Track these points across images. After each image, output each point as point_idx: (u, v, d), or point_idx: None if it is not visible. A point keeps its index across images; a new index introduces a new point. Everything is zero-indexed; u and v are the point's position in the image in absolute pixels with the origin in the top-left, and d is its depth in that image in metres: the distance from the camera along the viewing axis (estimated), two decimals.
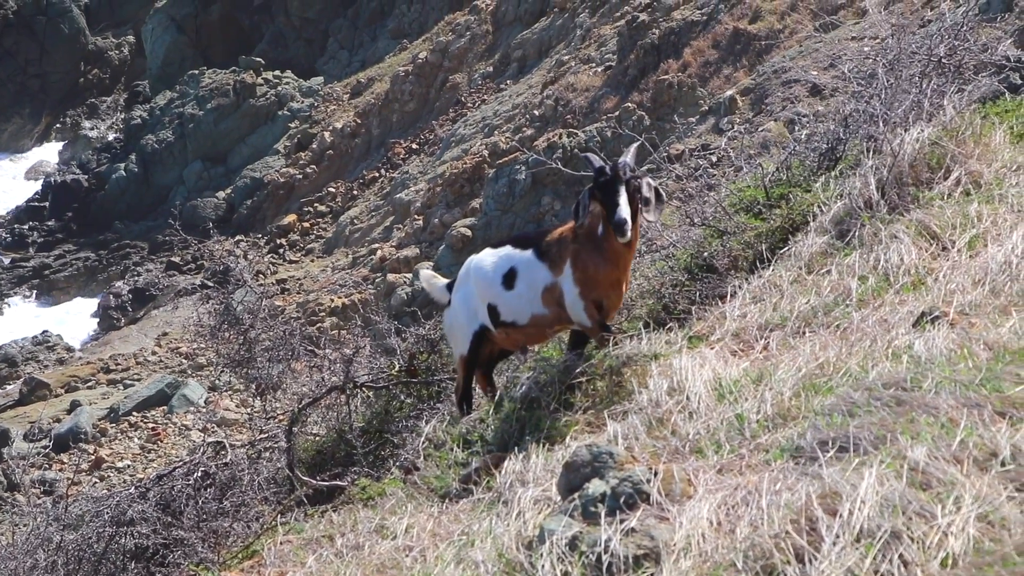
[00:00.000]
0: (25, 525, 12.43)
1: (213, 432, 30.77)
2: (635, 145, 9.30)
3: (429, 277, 10.49)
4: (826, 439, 6.19)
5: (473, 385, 10.21)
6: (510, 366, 10.64)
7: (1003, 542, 5.06)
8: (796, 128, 19.68)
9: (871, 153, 11.32)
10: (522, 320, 9.29)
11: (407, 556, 6.99)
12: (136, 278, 58.80)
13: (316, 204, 57.63)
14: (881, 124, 11.95)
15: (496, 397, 9.70)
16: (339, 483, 11.23)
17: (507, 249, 9.52)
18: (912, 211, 10.47)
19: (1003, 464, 5.70)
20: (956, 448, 5.81)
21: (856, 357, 7.71)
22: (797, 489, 5.63)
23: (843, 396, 6.74)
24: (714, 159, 30.19)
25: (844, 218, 10.69)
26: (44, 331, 55.14)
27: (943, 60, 13.23)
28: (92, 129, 78.86)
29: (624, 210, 8.49)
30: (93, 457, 37.80)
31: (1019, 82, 21.77)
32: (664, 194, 9.09)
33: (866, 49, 16.10)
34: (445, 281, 10.36)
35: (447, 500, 8.26)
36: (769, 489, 5.74)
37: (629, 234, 8.54)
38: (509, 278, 9.31)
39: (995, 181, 11.01)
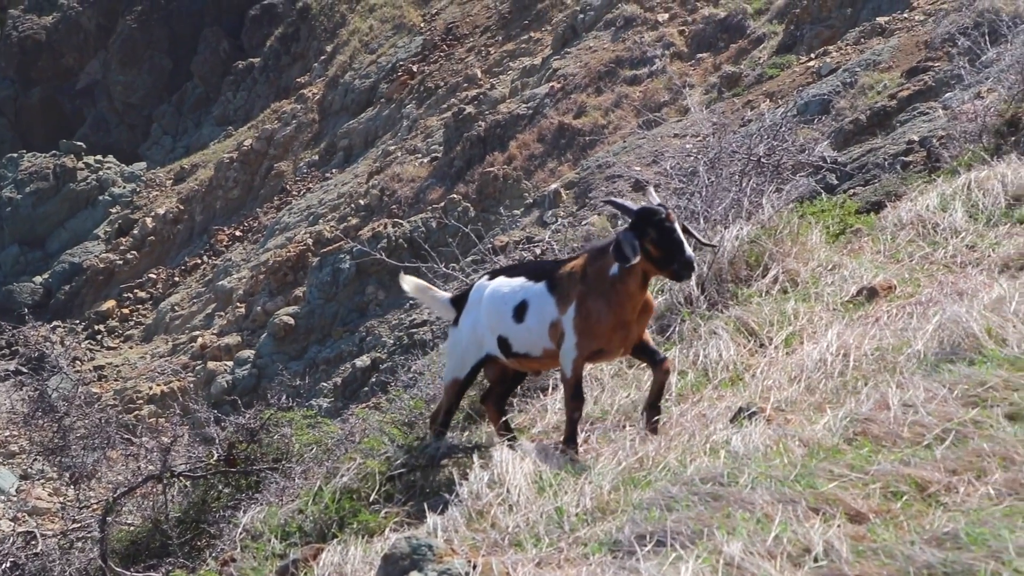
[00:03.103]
0: None
1: (24, 522, 30.00)
2: (651, 188, 9.11)
3: (424, 288, 9.77)
4: (644, 533, 6.22)
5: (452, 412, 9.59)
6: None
7: None
8: (619, 223, 19.89)
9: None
10: (535, 352, 8.79)
11: None
12: None
13: (136, 290, 56.82)
14: (702, 221, 12.14)
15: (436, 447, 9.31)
16: (153, 575, 11.03)
17: (520, 280, 8.93)
18: (731, 307, 10.64)
19: (816, 560, 5.77)
20: (771, 543, 5.87)
21: (675, 451, 7.77)
22: None
23: (661, 490, 6.79)
24: (538, 251, 30.40)
25: (665, 313, 10.83)
26: None
27: (762, 160, 13.51)
28: None
29: (689, 249, 8.18)
30: None
31: (835, 182, 22.30)
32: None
33: (688, 147, 16.37)
34: (447, 295, 9.73)
35: None
36: None
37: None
38: (520, 311, 8.79)
39: (811, 279, 11.23)
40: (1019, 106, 14.43)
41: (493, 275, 9.21)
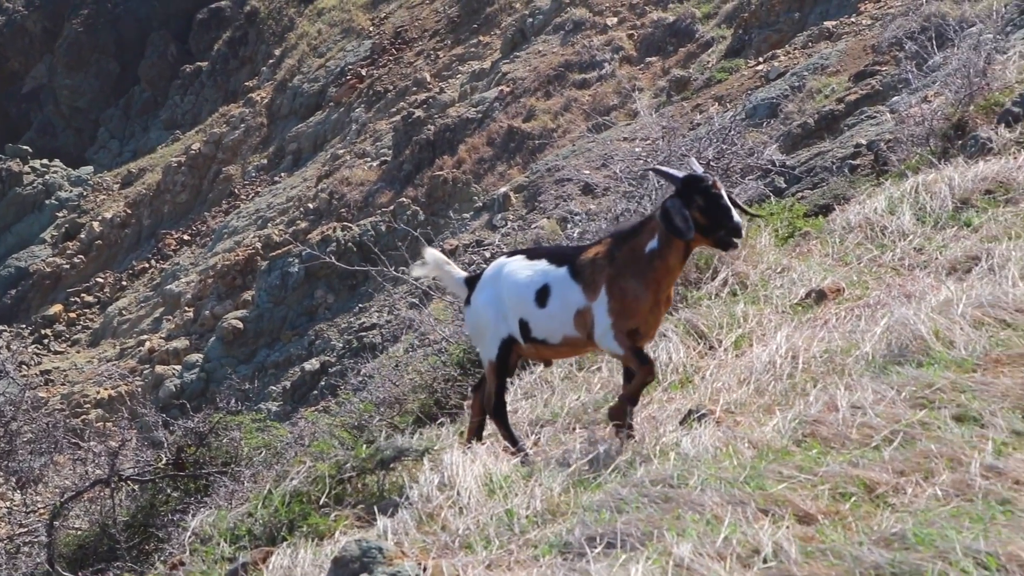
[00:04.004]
0: None
1: None
2: (693, 158, 8.96)
3: (442, 262, 9.44)
4: (594, 535, 6.23)
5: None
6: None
7: None
8: (568, 226, 19.93)
9: None
10: (554, 339, 8.64)
11: None
12: None
13: (83, 294, 56.47)
14: None
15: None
16: None
17: (542, 263, 8.73)
18: (681, 310, 10.67)
19: (765, 561, 5.79)
20: (720, 545, 5.89)
21: (625, 454, 7.78)
22: None
23: (612, 492, 6.80)
24: (487, 255, 30.40)
25: None
26: None
27: (711, 163, 13.56)
28: None
29: (737, 215, 8.07)
30: None
31: (783, 186, 22.38)
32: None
33: (637, 150, 16.39)
34: (463, 273, 9.41)
35: None
36: None
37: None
38: (542, 295, 8.61)
39: (760, 282, 11.29)
40: (966, 110, 14.52)
41: (511, 255, 9.04)
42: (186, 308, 48.23)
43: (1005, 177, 12.05)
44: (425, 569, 6.15)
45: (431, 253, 9.42)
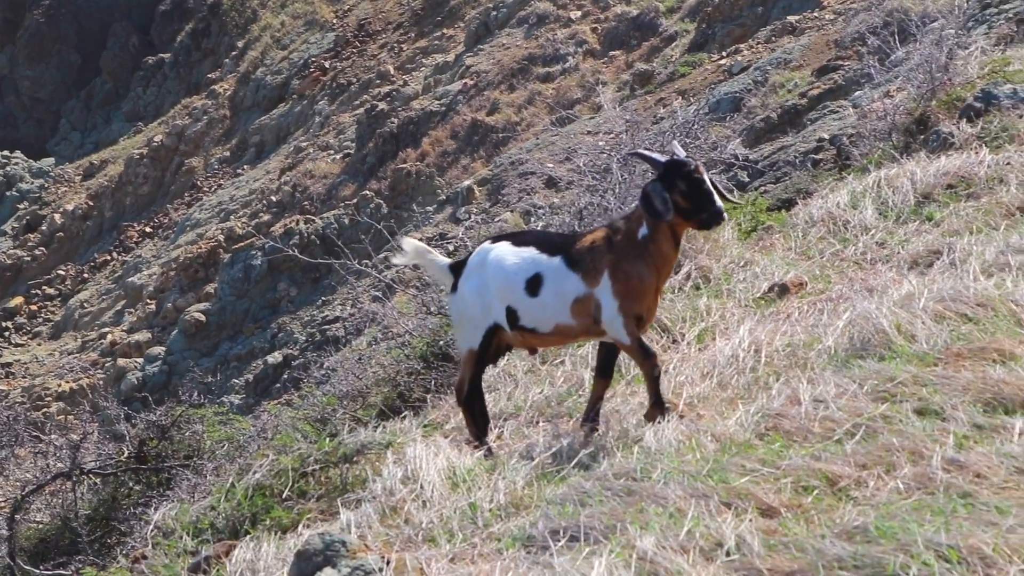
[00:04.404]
0: None
1: None
2: (676, 142, 8.92)
3: (424, 251, 9.26)
4: (557, 528, 6.24)
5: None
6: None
7: None
8: (532, 219, 19.95)
9: None
10: (544, 328, 8.51)
11: None
12: None
13: (45, 287, 56.23)
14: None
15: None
16: (63, 573, 10.93)
17: (531, 251, 8.58)
18: None
19: (728, 554, 5.81)
20: (683, 538, 5.90)
21: (588, 447, 7.79)
22: None
23: (575, 486, 6.81)
24: (451, 248, 30.39)
25: None
26: None
27: None
28: None
29: (718, 199, 8.10)
30: None
31: (747, 180, 22.44)
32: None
33: (601, 144, 16.41)
34: (446, 260, 9.24)
35: None
36: None
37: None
38: (533, 284, 8.48)
39: (724, 276, 11.32)
40: (928, 105, 14.58)
41: (495, 240, 8.90)
42: (148, 301, 48.08)
43: (967, 172, 12.11)
44: (388, 562, 6.15)
45: (410, 242, 9.25)
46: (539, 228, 14.97)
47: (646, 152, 8.52)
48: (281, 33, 60.08)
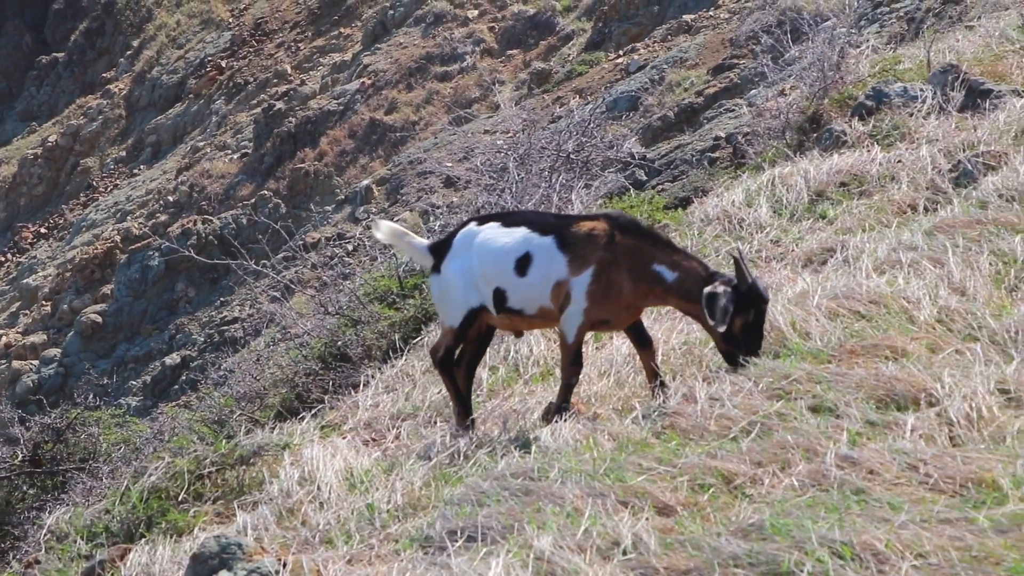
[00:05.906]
0: None
1: None
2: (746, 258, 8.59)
3: (400, 233, 9.11)
4: (455, 528, 6.24)
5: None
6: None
7: None
8: (430, 219, 19.93)
9: None
10: (530, 310, 8.38)
11: None
12: None
13: None
14: None
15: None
16: None
17: (523, 231, 8.42)
18: None
19: (624, 553, 5.84)
20: (580, 537, 5.92)
21: (486, 447, 7.80)
22: None
23: (472, 486, 6.81)
24: (350, 248, 30.32)
25: None
26: None
27: (572, 156, 13.64)
28: None
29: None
30: None
31: (644, 178, 22.56)
32: None
33: (499, 143, 16.45)
34: (425, 242, 9.06)
35: None
36: None
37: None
38: (523, 264, 8.32)
39: None
40: (820, 103, 14.73)
41: (482, 220, 8.75)
42: (43, 302, 47.52)
43: (859, 170, 12.24)
44: (285, 565, 6.12)
45: (385, 224, 9.11)
46: (437, 227, 14.95)
47: (745, 262, 8.12)
48: (177, 32, 59.60)
